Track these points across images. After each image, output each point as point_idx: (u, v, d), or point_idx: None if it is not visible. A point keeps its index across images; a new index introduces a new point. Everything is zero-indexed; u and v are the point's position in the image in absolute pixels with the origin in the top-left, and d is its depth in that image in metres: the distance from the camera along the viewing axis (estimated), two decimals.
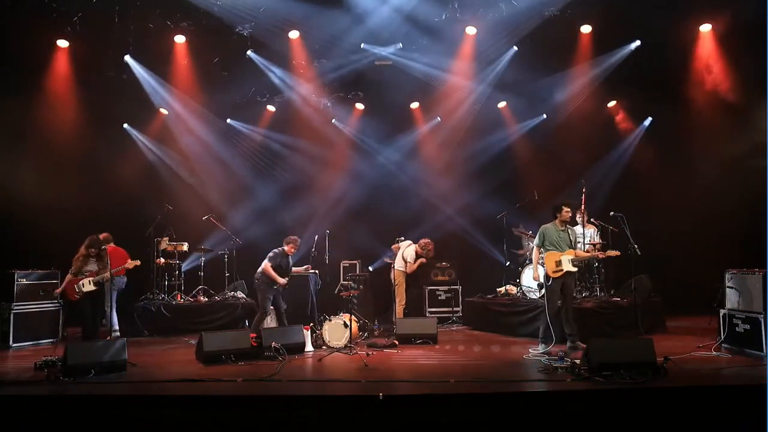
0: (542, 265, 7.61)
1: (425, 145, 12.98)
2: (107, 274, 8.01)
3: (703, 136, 10.88)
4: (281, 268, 8.60)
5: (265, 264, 8.54)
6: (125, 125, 11.82)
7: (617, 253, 7.91)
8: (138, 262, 8.58)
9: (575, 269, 7.47)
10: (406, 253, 9.89)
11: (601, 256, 7.52)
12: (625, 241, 8.27)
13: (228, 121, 12.46)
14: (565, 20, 9.73)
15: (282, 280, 8.51)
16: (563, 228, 7.61)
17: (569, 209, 7.64)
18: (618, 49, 10.70)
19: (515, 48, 10.64)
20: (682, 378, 5.68)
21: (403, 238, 10.36)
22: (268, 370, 6.35)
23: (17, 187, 10.42)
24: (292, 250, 8.78)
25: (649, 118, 11.86)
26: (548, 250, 7.58)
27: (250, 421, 5.11)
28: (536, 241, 7.76)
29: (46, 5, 9.10)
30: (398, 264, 9.95)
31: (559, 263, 7.44)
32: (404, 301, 9.82)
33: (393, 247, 10.35)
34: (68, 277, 8.09)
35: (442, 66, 11.13)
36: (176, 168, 12.24)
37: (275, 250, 8.68)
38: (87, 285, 7.99)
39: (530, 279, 9.73)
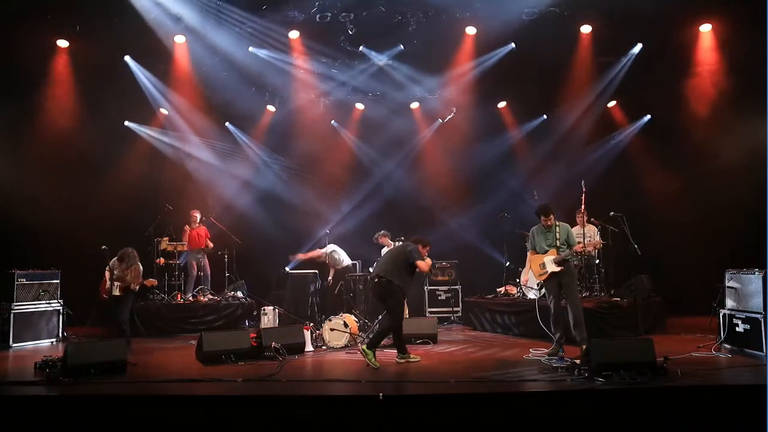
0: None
1: (426, 145, 12.98)
2: (133, 284, 8.26)
3: (703, 135, 10.88)
4: None
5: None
6: (126, 122, 11.81)
7: (598, 242, 7.65)
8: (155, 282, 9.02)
9: (559, 268, 7.10)
10: None
11: (578, 248, 7.31)
12: (625, 241, 8.26)
13: (226, 124, 12.45)
14: (565, 19, 9.74)
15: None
16: (548, 229, 7.31)
17: (545, 217, 7.26)
18: (621, 56, 10.80)
19: (513, 45, 10.58)
20: (682, 378, 5.68)
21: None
22: (268, 370, 6.34)
23: (17, 187, 10.41)
24: None
25: (648, 116, 11.86)
26: (537, 252, 7.42)
27: (250, 421, 5.11)
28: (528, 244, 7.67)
29: (46, 5, 9.11)
30: None
31: (542, 266, 7.28)
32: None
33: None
34: (106, 274, 8.39)
35: (442, 66, 11.13)
36: (176, 164, 12.24)
37: None
38: (115, 290, 8.26)
39: (530, 279, 9.74)
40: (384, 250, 9.86)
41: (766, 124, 9.10)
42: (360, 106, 12.55)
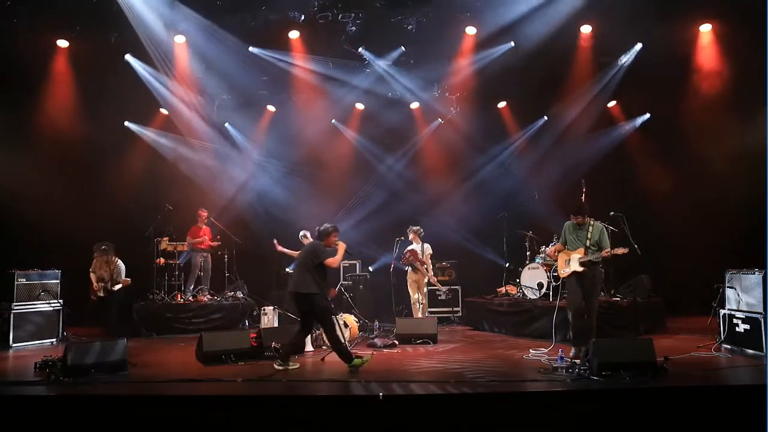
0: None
1: (425, 145, 12.99)
2: (111, 285, 8.38)
3: (703, 136, 10.87)
4: None
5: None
6: (126, 122, 11.82)
7: (625, 250, 7.39)
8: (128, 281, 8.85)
9: (582, 269, 6.90)
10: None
11: (605, 254, 6.96)
12: (625, 241, 8.23)
13: (226, 125, 12.46)
14: (566, 19, 9.73)
15: None
16: (580, 227, 7.12)
17: (575, 216, 7.09)
18: (620, 56, 10.81)
19: (512, 44, 10.52)
20: (682, 378, 5.68)
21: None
22: (268, 370, 6.35)
23: (18, 187, 10.41)
24: None
25: (647, 114, 11.86)
26: (566, 248, 7.24)
27: (250, 421, 5.11)
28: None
29: (46, 5, 9.11)
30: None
31: (567, 262, 7.12)
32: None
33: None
34: (92, 276, 8.49)
35: (441, 65, 11.12)
36: (176, 164, 12.25)
37: None
38: (101, 291, 8.36)
39: (530, 279, 9.75)
40: (411, 247, 9.87)
41: (766, 123, 9.09)
42: (360, 105, 12.55)
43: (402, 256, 9.79)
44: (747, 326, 6.97)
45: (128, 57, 10.54)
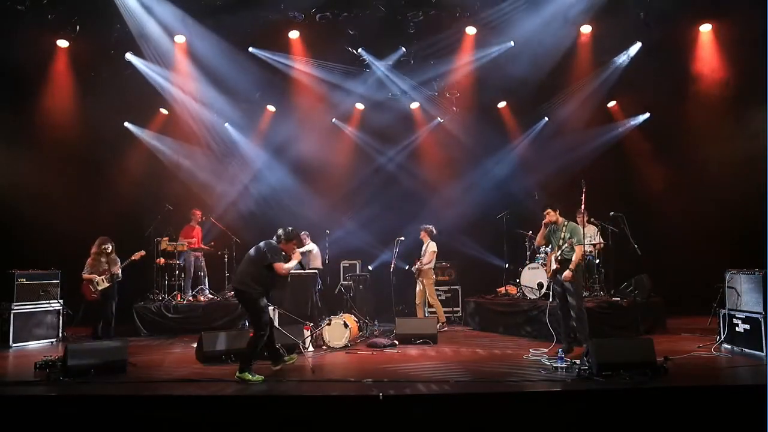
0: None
1: (425, 145, 12.99)
2: (117, 271, 8.46)
3: (703, 136, 10.88)
4: None
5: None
6: (126, 123, 11.81)
7: (580, 247, 7.45)
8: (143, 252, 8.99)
9: (555, 266, 7.11)
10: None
11: (571, 243, 7.06)
12: (625, 241, 8.24)
13: (225, 125, 12.46)
14: (566, 19, 9.73)
15: None
16: (556, 226, 7.31)
17: (550, 210, 7.28)
18: (620, 56, 10.78)
19: (512, 43, 10.48)
20: (682, 378, 5.68)
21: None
22: (268, 371, 6.35)
23: (18, 187, 10.41)
24: None
25: (647, 114, 11.86)
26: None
27: (249, 421, 5.11)
28: None
29: (46, 5, 9.11)
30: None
31: (551, 262, 7.31)
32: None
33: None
34: (84, 276, 8.46)
35: (441, 65, 11.13)
36: (176, 165, 12.24)
37: None
38: (101, 283, 8.36)
39: (530, 279, 9.76)
40: (424, 248, 9.88)
41: (766, 123, 9.09)
42: (360, 105, 12.55)
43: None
44: (747, 326, 6.97)
45: (129, 56, 10.54)
